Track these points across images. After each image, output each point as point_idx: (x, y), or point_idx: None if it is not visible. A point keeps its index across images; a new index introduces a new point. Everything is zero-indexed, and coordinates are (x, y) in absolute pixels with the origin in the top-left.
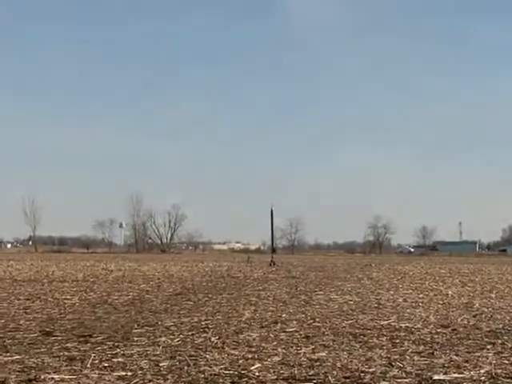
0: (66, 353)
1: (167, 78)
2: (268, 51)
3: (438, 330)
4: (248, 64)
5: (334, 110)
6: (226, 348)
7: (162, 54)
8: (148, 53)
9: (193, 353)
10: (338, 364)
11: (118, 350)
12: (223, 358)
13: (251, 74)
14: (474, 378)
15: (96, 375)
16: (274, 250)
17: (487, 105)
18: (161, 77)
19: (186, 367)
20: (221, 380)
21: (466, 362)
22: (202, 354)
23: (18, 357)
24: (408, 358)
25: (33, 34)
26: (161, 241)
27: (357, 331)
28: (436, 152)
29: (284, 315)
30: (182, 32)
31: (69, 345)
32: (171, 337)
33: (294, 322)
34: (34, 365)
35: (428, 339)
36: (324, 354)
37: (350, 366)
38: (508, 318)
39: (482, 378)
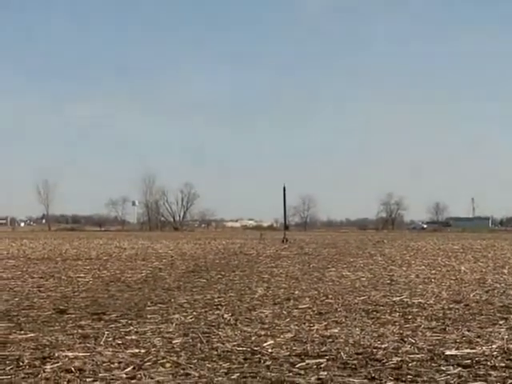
0: (79, 330)
1: (180, 58)
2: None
3: (451, 306)
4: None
5: (345, 80)
6: (239, 325)
7: (172, 34)
8: (158, 33)
9: (206, 330)
10: (351, 340)
11: (132, 327)
12: (236, 334)
13: (260, 49)
14: (487, 353)
15: (110, 353)
16: (286, 227)
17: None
18: (174, 58)
19: (198, 344)
20: (234, 357)
21: (479, 337)
22: (214, 330)
23: (32, 335)
24: (420, 333)
25: (33, 16)
26: (173, 219)
27: (369, 307)
28: (448, 128)
29: (297, 292)
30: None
31: (82, 322)
32: (184, 314)
33: (307, 299)
34: (47, 343)
35: (440, 315)
36: (336, 331)
37: (362, 342)
38: None
39: (495, 353)
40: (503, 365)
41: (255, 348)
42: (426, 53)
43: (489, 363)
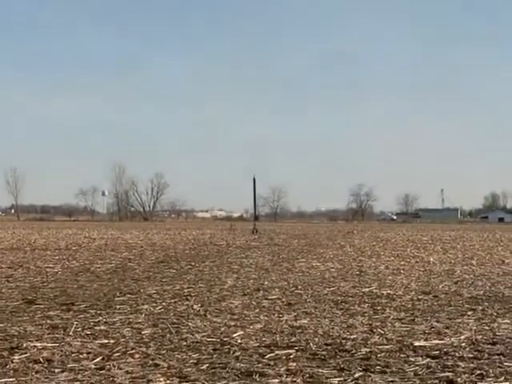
0: (48, 321)
1: (150, 50)
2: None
3: (420, 297)
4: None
5: (319, 76)
6: (209, 316)
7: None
8: (131, 26)
9: (175, 320)
10: (320, 331)
11: (101, 317)
12: (205, 325)
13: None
14: (455, 344)
15: (78, 343)
16: (256, 218)
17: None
18: (142, 50)
19: (168, 335)
20: (203, 347)
21: (447, 328)
22: (184, 321)
23: (0, 325)
24: (389, 324)
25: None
26: (143, 209)
27: (338, 298)
28: (418, 120)
29: (266, 283)
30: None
31: (51, 313)
32: (153, 304)
33: (277, 290)
34: (16, 333)
35: (409, 306)
36: (306, 321)
37: (331, 333)
38: (489, 284)
39: (463, 344)
40: (471, 356)
41: (225, 339)
42: (401, 57)
43: (457, 354)
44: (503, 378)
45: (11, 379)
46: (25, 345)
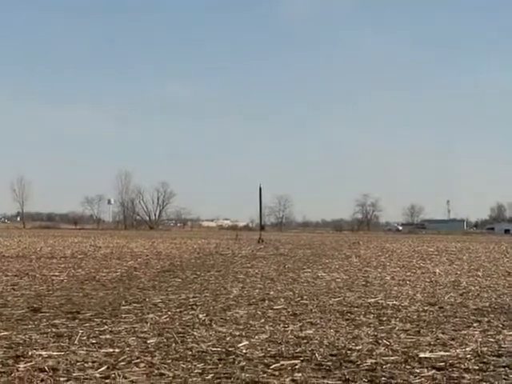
0: (53, 329)
1: (156, 61)
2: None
3: (425, 308)
4: (237, 51)
5: (321, 86)
6: (214, 325)
7: (152, 41)
8: (137, 37)
9: (180, 330)
10: (325, 341)
11: (106, 326)
12: (211, 335)
13: (240, 62)
14: (460, 355)
15: (84, 352)
16: (262, 228)
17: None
18: (149, 60)
19: (173, 344)
20: (208, 357)
21: (453, 339)
22: (189, 331)
23: (5, 333)
24: (395, 335)
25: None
26: (149, 217)
27: (344, 309)
28: (424, 131)
29: (272, 293)
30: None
31: (56, 321)
32: (159, 314)
33: (282, 300)
34: (21, 341)
35: (415, 317)
36: (311, 332)
37: (336, 344)
38: (494, 296)
39: (468, 355)
40: (476, 368)
41: (230, 349)
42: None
43: (462, 366)
44: None
45: None
46: (30, 353)
